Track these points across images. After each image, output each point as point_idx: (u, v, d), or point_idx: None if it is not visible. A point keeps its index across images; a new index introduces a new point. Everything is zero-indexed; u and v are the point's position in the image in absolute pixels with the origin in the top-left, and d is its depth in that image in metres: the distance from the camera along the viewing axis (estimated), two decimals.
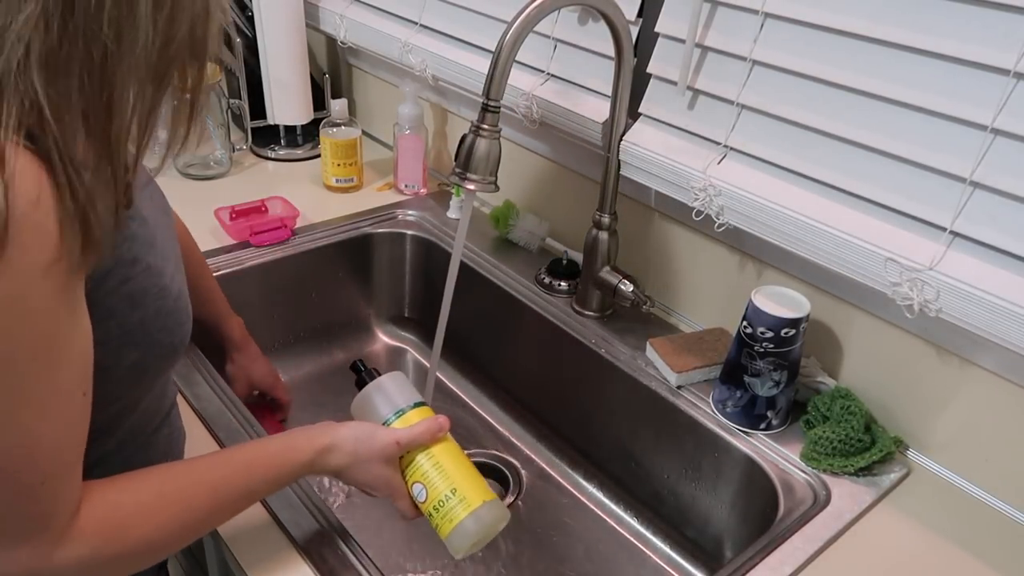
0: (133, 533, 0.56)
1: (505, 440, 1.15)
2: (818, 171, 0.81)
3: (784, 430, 0.89)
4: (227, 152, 1.39)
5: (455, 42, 1.19)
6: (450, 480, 0.69)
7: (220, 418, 0.85)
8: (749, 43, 0.83)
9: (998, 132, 0.68)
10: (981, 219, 0.71)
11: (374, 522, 1.01)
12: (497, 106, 0.82)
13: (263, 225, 1.17)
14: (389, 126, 1.40)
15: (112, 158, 0.47)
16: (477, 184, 0.84)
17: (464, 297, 0.95)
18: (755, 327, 0.84)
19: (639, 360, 0.99)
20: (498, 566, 0.97)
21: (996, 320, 0.70)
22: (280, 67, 1.36)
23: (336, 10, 1.38)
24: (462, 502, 0.69)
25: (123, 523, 0.56)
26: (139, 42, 0.45)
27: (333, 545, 0.72)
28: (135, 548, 0.57)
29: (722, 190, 0.87)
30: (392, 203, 1.32)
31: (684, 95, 0.91)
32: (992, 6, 0.67)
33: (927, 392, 0.84)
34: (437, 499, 0.69)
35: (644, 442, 1.00)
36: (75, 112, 0.45)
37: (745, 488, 0.89)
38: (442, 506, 0.69)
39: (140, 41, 0.45)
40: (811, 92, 0.80)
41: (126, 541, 0.56)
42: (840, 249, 0.79)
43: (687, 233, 1.02)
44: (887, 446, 0.83)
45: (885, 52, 0.74)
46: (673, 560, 0.98)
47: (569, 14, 1.02)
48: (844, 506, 0.80)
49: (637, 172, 0.96)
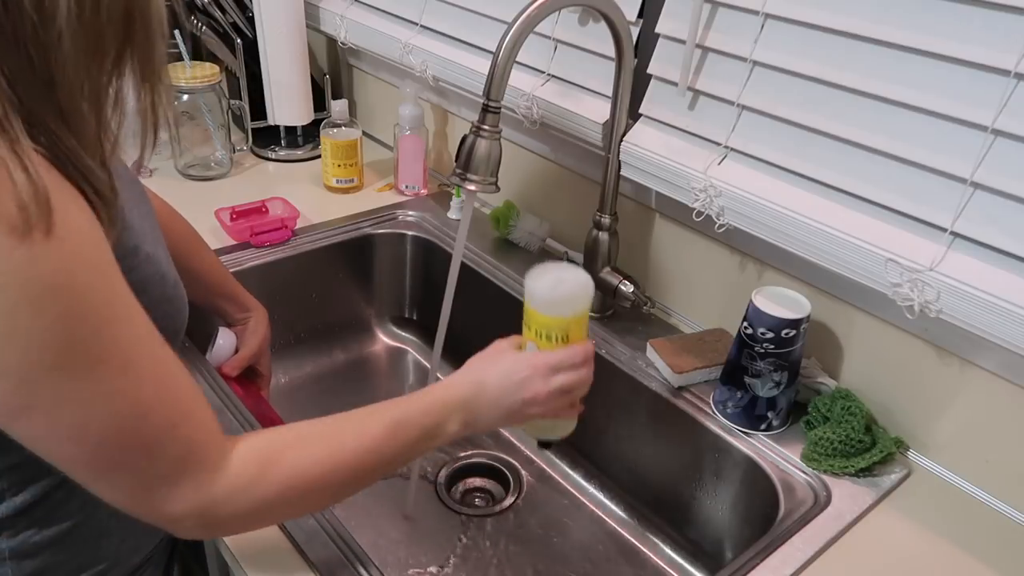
0: (287, 459, 0.58)
1: (505, 441, 1.15)
2: (819, 172, 0.81)
3: (785, 431, 0.89)
4: (227, 153, 1.39)
5: (456, 43, 1.19)
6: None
7: (219, 417, 0.85)
8: (750, 44, 0.83)
9: (999, 133, 0.68)
10: (982, 220, 0.71)
11: (374, 522, 1.01)
12: (497, 107, 0.82)
13: (264, 226, 1.17)
14: (389, 127, 1.40)
15: (78, 137, 0.49)
16: (477, 185, 0.84)
17: (465, 298, 0.95)
18: (755, 328, 0.84)
19: (639, 361, 0.99)
20: (498, 566, 0.97)
21: (997, 321, 0.70)
22: (280, 68, 1.36)
23: (337, 11, 1.38)
24: None
25: (278, 450, 0.58)
26: (60, 11, 0.45)
27: (333, 545, 0.72)
28: (291, 478, 0.58)
29: (722, 191, 0.87)
30: (392, 204, 1.32)
31: (684, 96, 0.91)
32: (992, 6, 0.67)
33: (928, 393, 0.84)
34: None
35: (644, 443, 0.99)
36: (38, 88, 0.46)
37: (745, 489, 0.88)
38: None
39: (61, 10, 0.45)
40: (812, 93, 0.80)
41: (281, 467, 0.57)
42: (841, 250, 0.79)
43: (687, 234, 1.02)
44: (888, 447, 0.83)
45: (886, 53, 0.74)
46: (673, 561, 0.98)
47: (569, 15, 1.02)
48: (845, 507, 0.80)
49: (637, 173, 0.96)
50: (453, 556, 0.98)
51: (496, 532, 1.02)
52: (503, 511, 1.05)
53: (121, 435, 0.51)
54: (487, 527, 1.02)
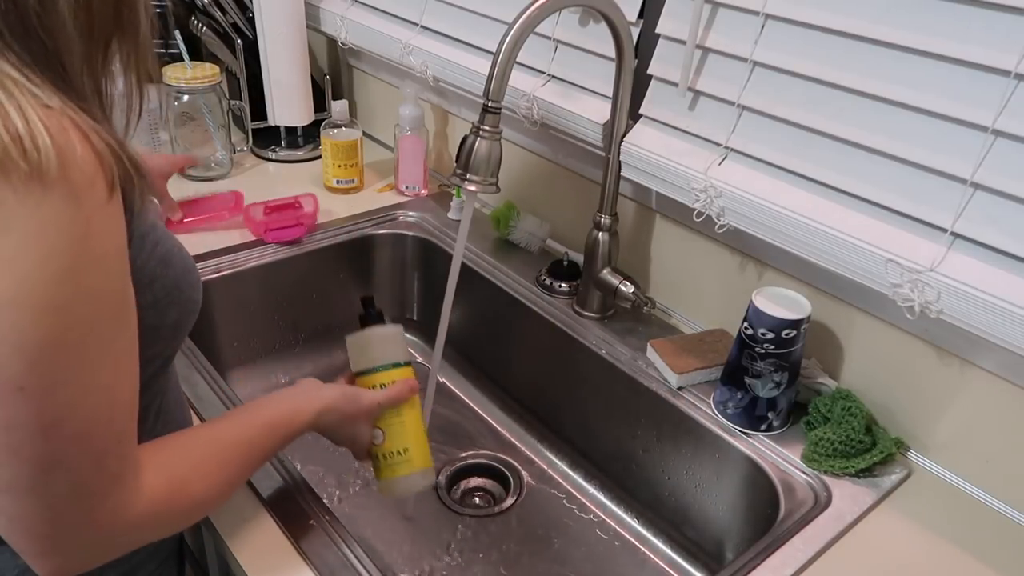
0: (191, 489, 0.60)
1: (506, 441, 1.15)
2: (819, 172, 0.81)
3: (785, 431, 0.89)
4: (228, 153, 1.39)
5: (456, 43, 1.19)
6: (406, 439, 0.78)
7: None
8: (750, 44, 0.83)
9: (999, 133, 0.68)
10: (982, 220, 0.71)
11: (374, 522, 1.01)
12: (498, 107, 0.82)
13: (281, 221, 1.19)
14: (390, 127, 1.40)
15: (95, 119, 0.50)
16: (478, 185, 0.84)
17: (465, 298, 0.95)
18: (756, 328, 0.84)
19: (640, 361, 0.99)
20: (498, 567, 0.97)
21: (997, 321, 0.70)
22: (281, 68, 1.36)
23: (337, 11, 1.38)
24: (408, 462, 0.78)
25: (183, 480, 0.59)
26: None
27: (333, 545, 0.72)
28: (193, 503, 0.60)
29: (723, 191, 0.87)
30: (393, 204, 1.32)
31: (685, 96, 0.91)
32: (992, 7, 0.67)
33: (928, 393, 0.84)
34: (390, 450, 0.78)
35: (645, 443, 0.99)
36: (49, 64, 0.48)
37: (746, 489, 0.88)
38: (391, 457, 0.78)
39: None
40: (812, 93, 0.80)
41: (186, 496, 0.59)
42: (841, 250, 0.79)
43: (688, 234, 1.02)
44: (888, 447, 0.83)
45: (886, 53, 0.74)
46: (674, 561, 0.98)
47: (570, 15, 1.02)
48: (845, 507, 0.80)
49: (638, 173, 0.96)
50: (453, 556, 0.98)
51: (496, 532, 1.02)
52: (503, 511, 1.05)
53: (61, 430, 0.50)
54: (487, 527, 1.02)
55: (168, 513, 0.58)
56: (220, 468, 0.63)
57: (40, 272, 0.46)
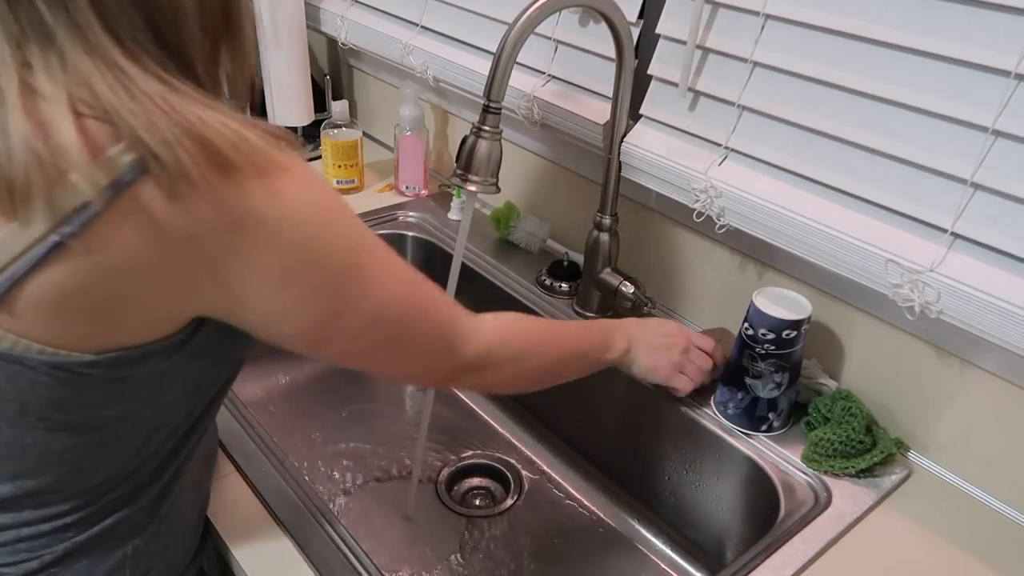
0: (517, 334, 0.74)
1: (506, 441, 1.15)
2: (819, 172, 0.81)
3: (785, 432, 0.89)
4: None
5: (456, 44, 1.19)
6: None
7: (227, 424, 0.85)
8: (750, 45, 0.83)
9: (999, 133, 0.68)
10: (982, 220, 0.71)
11: (375, 522, 1.01)
12: (498, 107, 0.82)
13: None
14: (390, 127, 1.40)
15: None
16: (478, 185, 0.84)
17: (465, 298, 0.94)
18: (756, 329, 0.84)
19: None
20: (498, 567, 0.97)
21: (997, 321, 0.70)
22: (281, 68, 1.36)
23: (337, 11, 1.38)
24: None
25: (510, 330, 0.73)
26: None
27: (333, 545, 0.72)
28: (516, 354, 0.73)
29: (723, 191, 0.87)
30: (393, 204, 1.32)
31: (685, 97, 0.91)
32: (992, 7, 0.67)
33: (928, 394, 0.84)
34: None
35: (645, 443, 0.99)
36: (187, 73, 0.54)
37: (746, 489, 0.88)
38: None
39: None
40: (812, 93, 0.80)
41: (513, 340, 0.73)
42: (841, 250, 0.79)
43: (688, 234, 1.02)
44: (888, 448, 0.83)
45: (886, 53, 0.74)
46: (674, 562, 0.98)
47: (570, 16, 1.02)
48: (845, 508, 0.80)
49: (638, 174, 0.96)
50: (454, 556, 0.98)
51: (496, 532, 1.02)
52: (504, 511, 1.05)
53: (409, 309, 0.62)
54: (488, 527, 1.02)
55: (498, 357, 0.71)
56: (539, 337, 0.76)
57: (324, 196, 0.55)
